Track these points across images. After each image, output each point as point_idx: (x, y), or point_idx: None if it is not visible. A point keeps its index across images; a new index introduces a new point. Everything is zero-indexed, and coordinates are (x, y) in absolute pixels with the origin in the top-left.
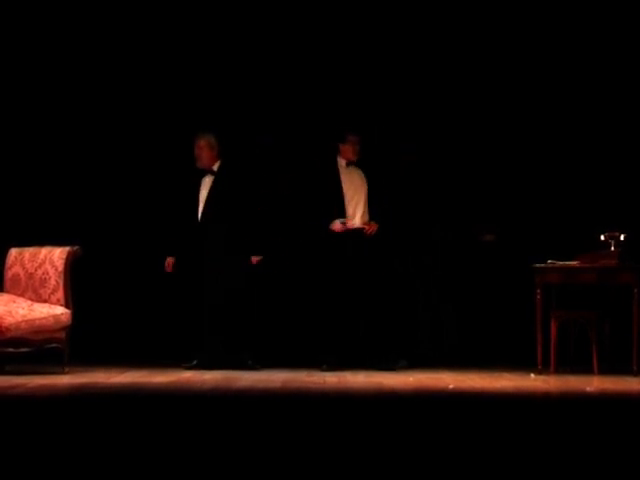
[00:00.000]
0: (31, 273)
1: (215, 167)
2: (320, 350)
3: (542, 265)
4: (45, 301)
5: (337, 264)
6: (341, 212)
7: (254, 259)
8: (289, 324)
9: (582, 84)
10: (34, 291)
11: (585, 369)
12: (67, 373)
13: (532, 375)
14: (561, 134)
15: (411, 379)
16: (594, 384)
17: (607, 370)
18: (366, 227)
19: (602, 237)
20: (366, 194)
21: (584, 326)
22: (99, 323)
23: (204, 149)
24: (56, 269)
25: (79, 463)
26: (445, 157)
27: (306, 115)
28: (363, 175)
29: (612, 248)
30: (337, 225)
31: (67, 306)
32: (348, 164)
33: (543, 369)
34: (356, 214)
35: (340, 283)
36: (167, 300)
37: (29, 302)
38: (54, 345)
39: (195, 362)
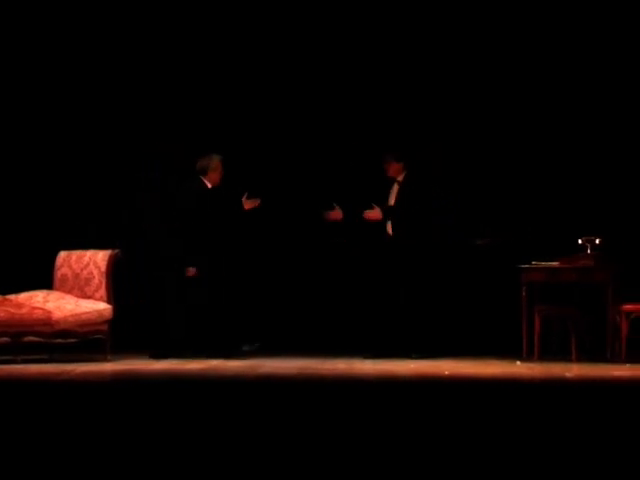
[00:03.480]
0: (77, 273)
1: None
2: (363, 340)
3: (527, 266)
4: (90, 298)
5: (381, 268)
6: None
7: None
8: (328, 315)
9: (565, 95)
10: (80, 289)
11: (565, 358)
12: (109, 361)
13: (518, 363)
14: (544, 149)
15: (412, 366)
16: (573, 371)
17: (584, 358)
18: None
19: (580, 241)
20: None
21: (564, 319)
22: (137, 317)
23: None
24: (99, 270)
25: (119, 442)
26: (443, 167)
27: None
28: (398, 190)
29: (589, 251)
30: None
31: (109, 302)
32: (392, 181)
33: (528, 357)
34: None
35: (386, 284)
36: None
37: (76, 299)
38: (97, 336)
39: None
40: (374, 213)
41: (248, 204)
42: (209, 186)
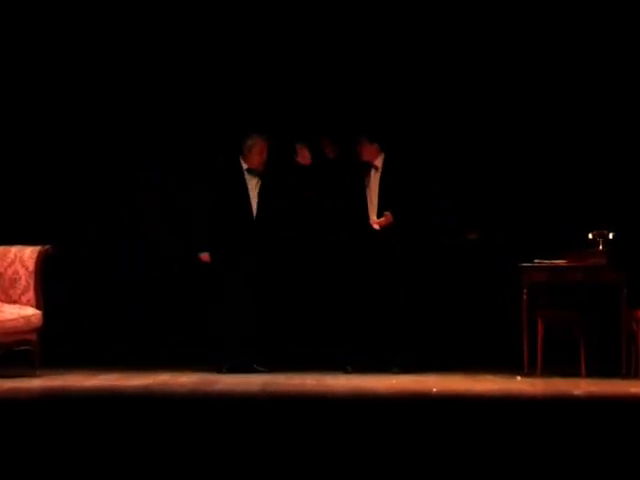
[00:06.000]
0: (0, 273)
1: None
2: (344, 352)
3: (528, 264)
4: (15, 302)
5: (358, 267)
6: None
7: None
8: (305, 326)
9: (565, 85)
10: (4, 291)
11: (572, 371)
12: (39, 376)
13: (518, 377)
14: (548, 131)
15: (394, 382)
16: (581, 387)
17: (595, 372)
18: (377, 222)
19: (590, 236)
20: (378, 197)
21: (571, 327)
22: (71, 324)
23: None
24: (27, 269)
25: (49, 469)
26: (431, 154)
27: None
28: (380, 179)
29: (600, 247)
30: None
31: (38, 307)
32: (367, 165)
33: (529, 371)
34: (373, 215)
35: (363, 285)
36: (144, 300)
37: None
38: (25, 347)
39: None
40: None
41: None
42: (244, 167)
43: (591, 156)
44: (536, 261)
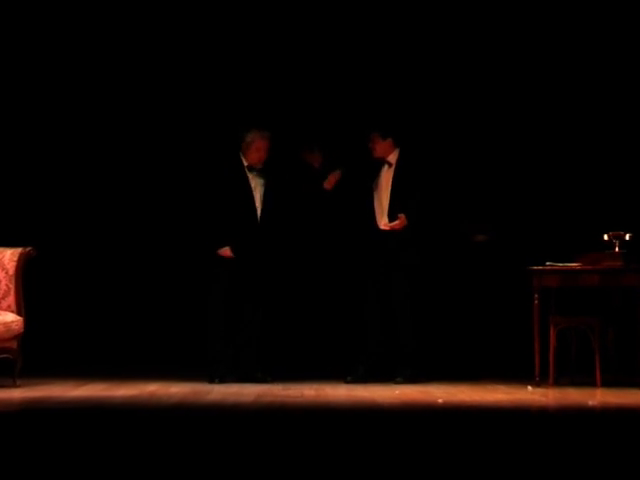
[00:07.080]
0: None
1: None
2: (347, 361)
3: (540, 267)
4: None
5: (369, 270)
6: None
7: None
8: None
9: (581, 82)
10: None
11: (587, 381)
12: (19, 386)
13: (529, 387)
14: (560, 130)
15: (397, 392)
16: (597, 397)
17: (611, 382)
18: (390, 226)
19: (605, 237)
20: (390, 193)
21: (585, 333)
22: (54, 331)
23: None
24: (6, 272)
25: None
26: (439, 154)
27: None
28: (392, 172)
29: (616, 249)
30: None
31: (19, 313)
32: (380, 162)
33: (541, 381)
34: (382, 216)
35: (372, 290)
36: (131, 306)
37: None
38: (4, 356)
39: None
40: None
41: (330, 181)
42: (245, 164)
43: (605, 155)
44: (548, 264)
